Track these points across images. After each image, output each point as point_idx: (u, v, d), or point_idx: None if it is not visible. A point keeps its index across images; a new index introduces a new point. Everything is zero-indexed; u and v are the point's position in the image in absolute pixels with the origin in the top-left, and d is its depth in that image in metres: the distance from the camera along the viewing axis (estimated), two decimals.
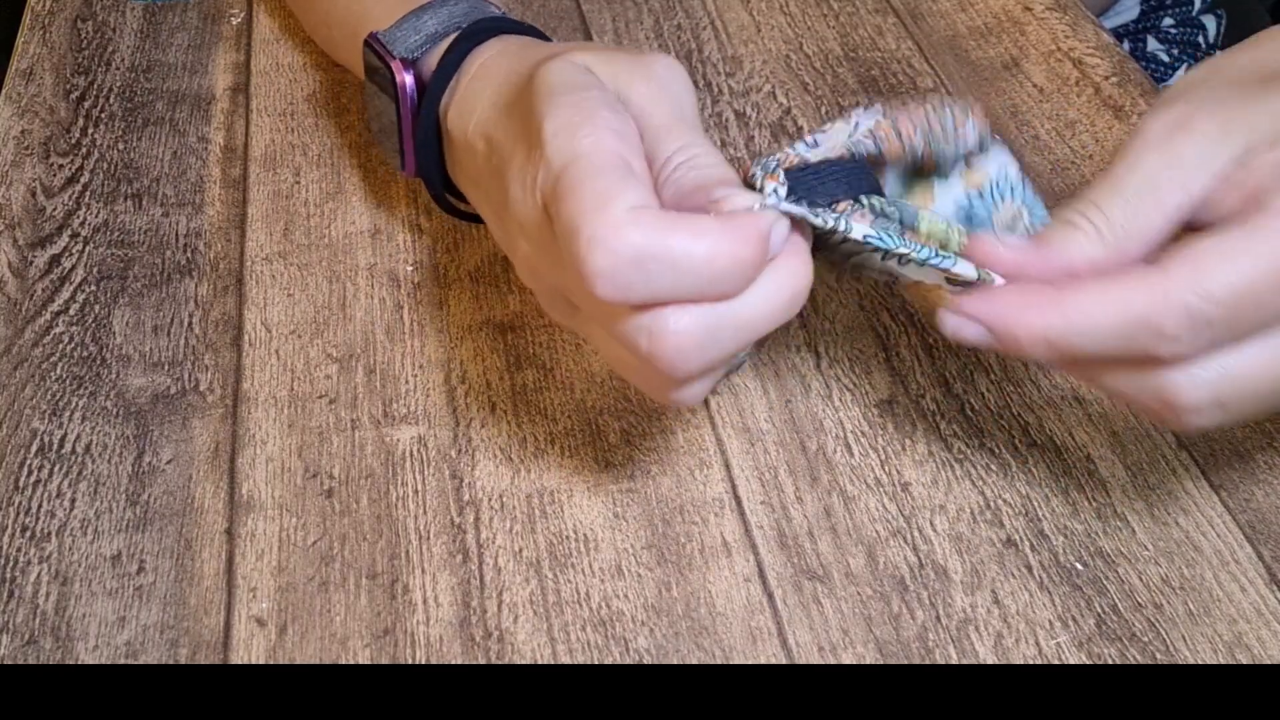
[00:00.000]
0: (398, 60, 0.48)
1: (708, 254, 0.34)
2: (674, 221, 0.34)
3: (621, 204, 0.34)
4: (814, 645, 0.41)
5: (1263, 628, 0.42)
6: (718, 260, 0.34)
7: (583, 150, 0.36)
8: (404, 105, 0.48)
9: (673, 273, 0.34)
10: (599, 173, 0.35)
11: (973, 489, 0.46)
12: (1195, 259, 0.34)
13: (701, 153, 0.38)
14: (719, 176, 0.37)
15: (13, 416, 0.48)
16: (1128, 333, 0.35)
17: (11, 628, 0.42)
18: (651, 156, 0.38)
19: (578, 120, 0.37)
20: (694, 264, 0.34)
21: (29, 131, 0.60)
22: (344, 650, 0.41)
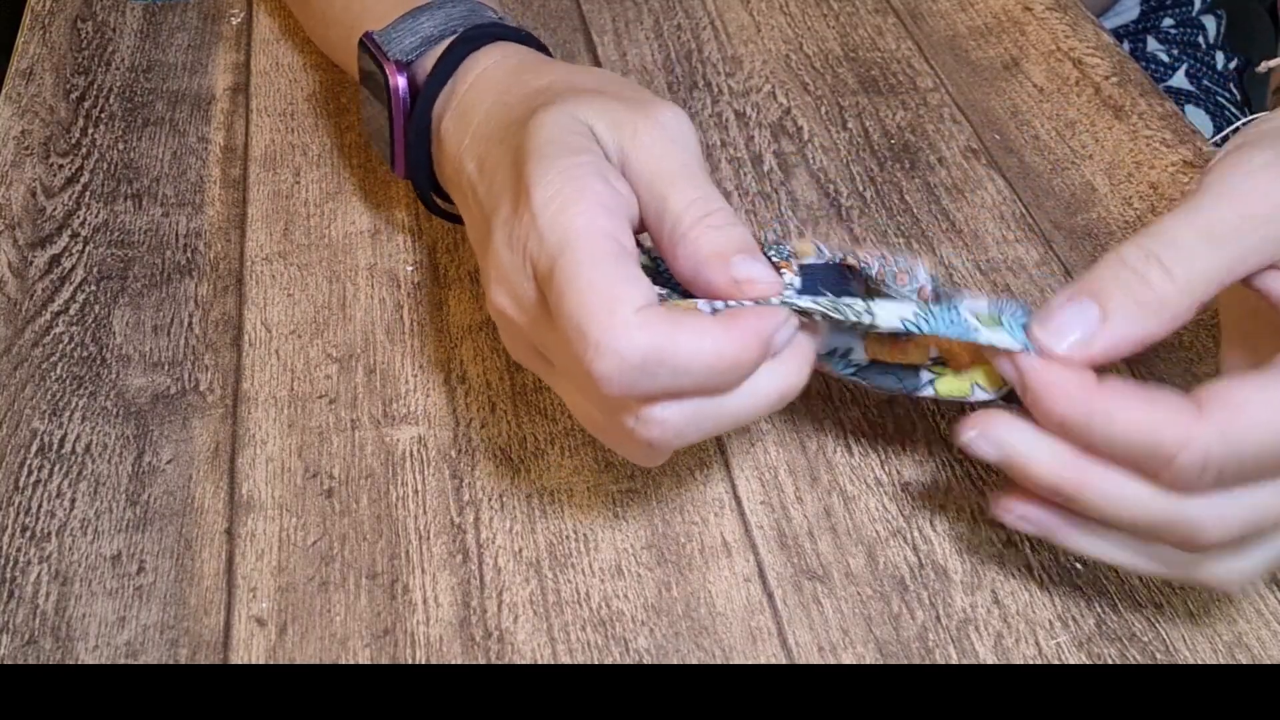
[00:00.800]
0: (391, 62, 0.48)
1: (711, 359, 0.35)
2: (679, 326, 0.35)
3: (628, 307, 0.35)
4: (814, 645, 0.41)
5: (1262, 628, 0.42)
6: (720, 364, 0.35)
7: (578, 233, 0.36)
8: (396, 108, 0.48)
9: (675, 375, 0.35)
10: (599, 265, 0.35)
11: (972, 489, 0.46)
12: (1233, 408, 0.34)
13: (717, 209, 0.38)
14: (737, 242, 0.37)
15: (13, 416, 0.48)
16: (1139, 452, 0.34)
17: (11, 628, 0.42)
18: (662, 209, 0.38)
19: (569, 194, 0.37)
20: (697, 368, 0.35)
21: (29, 131, 0.60)
22: (344, 650, 0.41)
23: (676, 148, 0.39)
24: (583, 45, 0.66)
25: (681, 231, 0.38)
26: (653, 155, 0.39)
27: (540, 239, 0.36)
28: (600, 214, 0.36)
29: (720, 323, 0.36)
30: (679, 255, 0.38)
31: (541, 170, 0.37)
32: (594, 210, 0.36)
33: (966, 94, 0.63)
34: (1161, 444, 0.34)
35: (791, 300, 0.37)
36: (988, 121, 0.61)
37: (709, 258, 0.37)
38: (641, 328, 0.35)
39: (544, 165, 0.38)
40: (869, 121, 0.61)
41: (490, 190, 0.41)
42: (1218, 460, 0.33)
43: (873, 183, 0.57)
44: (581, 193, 0.37)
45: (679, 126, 0.40)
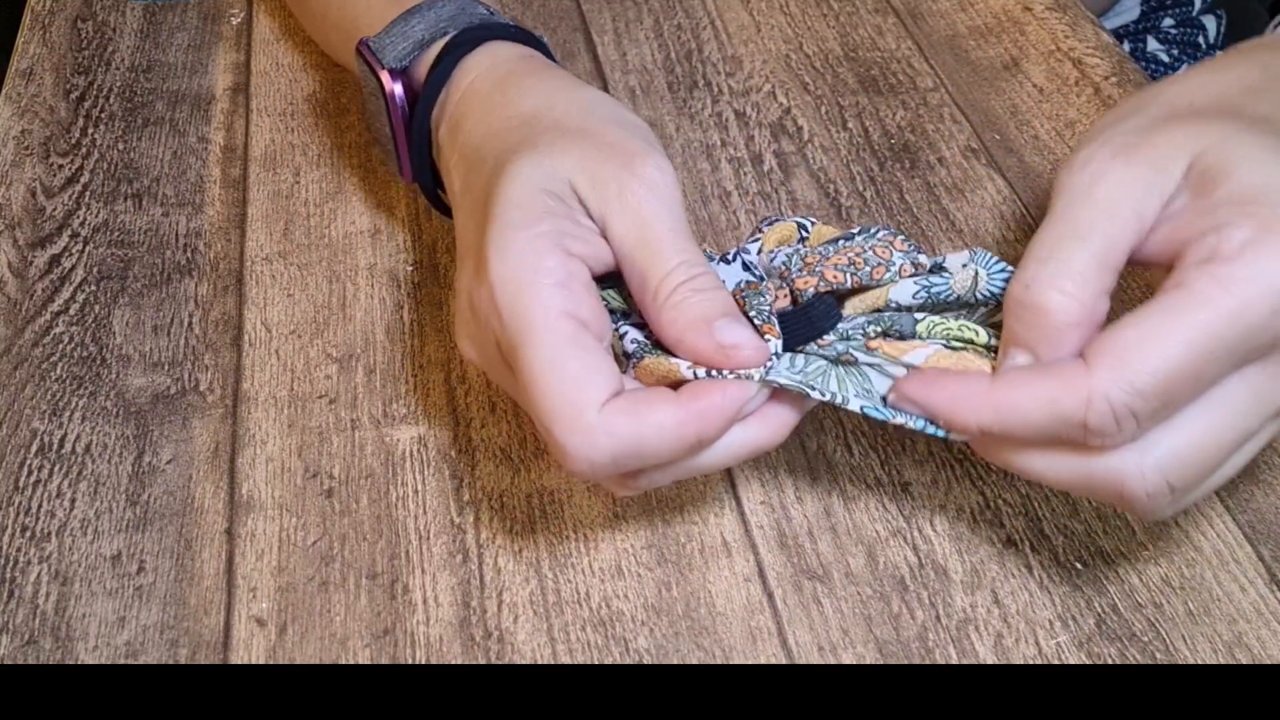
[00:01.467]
0: (386, 70, 0.48)
1: (676, 442, 0.36)
2: (643, 419, 0.36)
3: (592, 409, 0.36)
4: (814, 645, 0.41)
5: (1262, 627, 0.42)
6: (685, 444, 0.37)
7: (534, 323, 0.36)
8: (395, 115, 0.48)
9: (644, 461, 0.37)
10: (559, 361, 0.36)
11: (972, 489, 0.46)
12: (1118, 352, 0.34)
13: (700, 272, 0.38)
14: (720, 306, 0.38)
15: (13, 416, 0.48)
16: (1056, 428, 0.35)
17: (11, 628, 0.42)
18: (645, 274, 0.38)
19: (524, 276, 0.37)
20: (664, 452, 0.37)
21: (29, 131, 0.60)
22: (344, 650, 0.41)
23: (661, 209, 0.39)
24: (583, 45, 0.66)
25: (664, 297, 0.38)
26: (636, 219, 0.39)
27: (501, 321, 0.37)
28: (555, 295, 0.37)
29: (684, 404, 0.36)
30: (664, 322, 0.38)
31: (500, 243, 0.38)
32: (550, 294, 0.37)
33: (966, 94, 0.63)
34: (1068, 413, 0.34)
35: (772, 378, 0.37)
36: (988, 121, 0.61)
37: (693, 323, 0.37)
38: (605, 430, 0.36)
39: (503, 238, 0.38)
40: (869, 121, 0.61)
41: (462, 230, 0.42)
42: (1124, 405, 0.34)
43: (873, 183, 0.57)
44: (536, 274, 0.37)
45: (663, 181, 0.40)
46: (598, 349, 0.37)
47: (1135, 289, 0.52)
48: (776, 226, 0.43)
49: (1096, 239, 0.36)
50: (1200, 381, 0.34)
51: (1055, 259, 0.36)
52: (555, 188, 0.39)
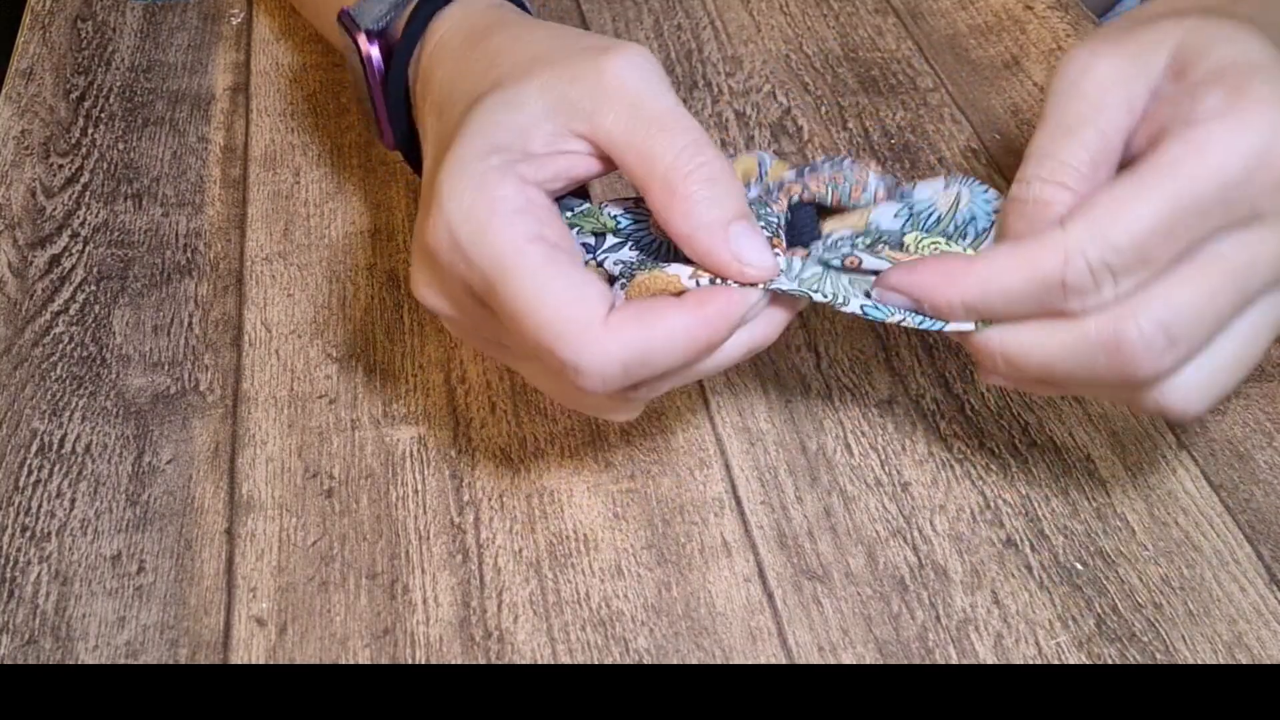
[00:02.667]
0: (362, 32, 0.47)
1: (685, 348, 0.36)
2: (650, 326, 0.36)
3: (596, 321, 0.35)
4: (814, 645, 0.41)
5: (1262, 628, 0.42)
6: (694, 349, 0.36)
7: (504, 255, 0.35)
8: (372, 78, 0.47)
9: (655, 368, 0.36)
10: (545, 284, 0.35)
11: (972, 489, 0.46)
12: (1091, 212, 0.35)
13: (711, 156, 0.37)
14: (734, 208, 0.37)
15: (13, 416, 0.48)
16: (1038, 295, 0.35)
17: (11, 627, 0.42)
18: (653, 149, 0.37)
19: (481, 211, 0.36)
20: (675, 359, 0.36)
21: (29, 131, 0.60)
22: (344, 650, 0.41)
23: (652, 86, 0.38)
24: None
25: (676, 186, 0.37)
26: (627, 101, 0.37)
27: (467, 260, 0.36)
28: (518, 222, 0.36)
29: (692, 310, 0.36)
30: (675, 214, 0.37)
31: (451, 182, 0.37)
32: (511, 222, 0.36)
33: (967, 93, 0.63)
34: (1047, 274, 0.35)
35: (775, 286, 0.37)
36: (988, 121, 0.61)
37: (708, 224, 0.37)
38: (614, 340, 0.35)
39: (453, 176, 0.37)
40: (869, 121, 0.61)
41: (426, 179, 0.41)
42: (1099, 258, 0.34)
43: None
44: (493, 205, 0.36)
45: (646, 62, 0.38)
46: (579, 266, 0.36)
47: None
48: (739, 159, 0.42)
49: (1088, 131, 0.36)
50: (1176, 240, 0.34)
51: (1050, 155, 0.36)
52: (517, 120, 0.38)
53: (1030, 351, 0.37)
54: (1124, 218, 0.34)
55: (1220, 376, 0.37)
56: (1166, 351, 0.35)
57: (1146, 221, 0.34)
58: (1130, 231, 0.34)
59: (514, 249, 0.36)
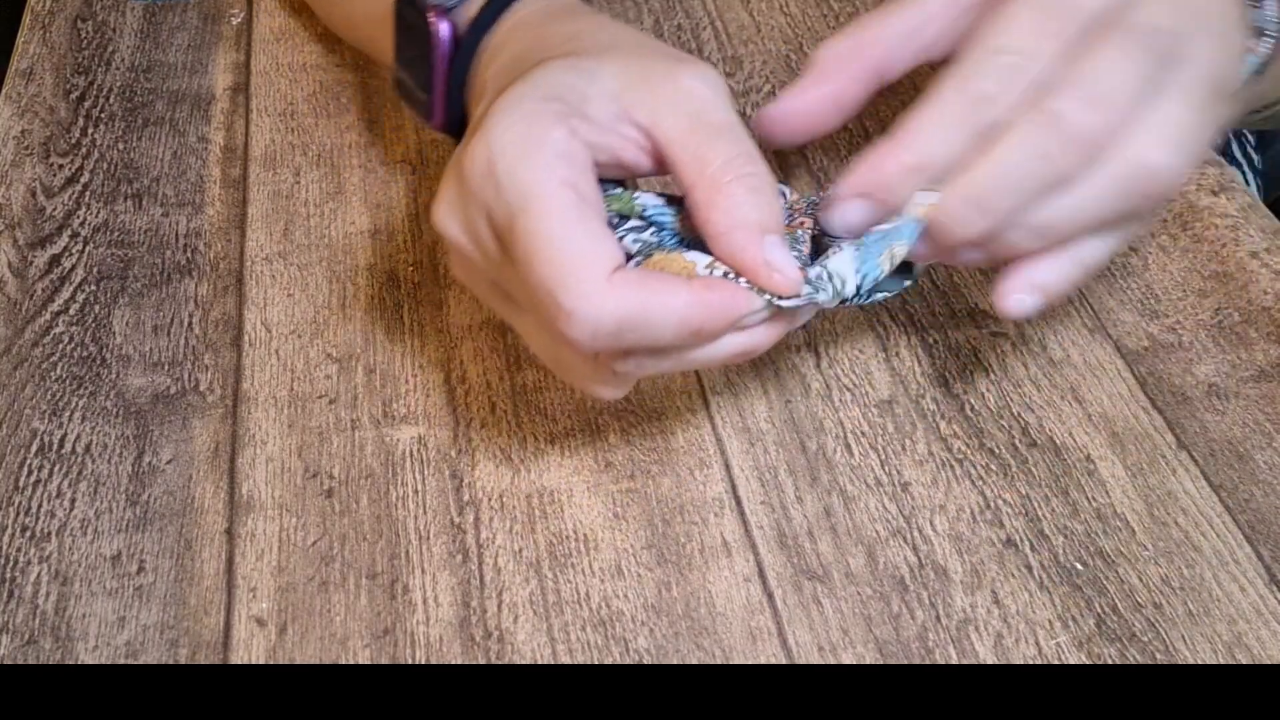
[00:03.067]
0: (434, 8, 0.46)
1: (678, 325, 0.36)
2: (650, 291, 0.36)
3: (599, 273, 0.35)
4: (814, 645, 0.41)
5: (1262, 628, 0.42)
6: (686, 330, 0.36)
7: (537, 190, 0.36)
8: (438, 55, 0.46)
9: (645, 338, 0.36)
10: (563, 226, 0.35)
11: (972, 489, 0.46)
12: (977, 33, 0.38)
13: (761, 170, 0.38)
14: (773, 220, 0.37)
15: (13, 416, 0.48)
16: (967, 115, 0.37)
17: (11, 628, 0.42)
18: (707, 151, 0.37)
19: (527, 143, 0.36)
20: (667, 333, 0.36)
21: (29, 131, 0.60)
22: (344, 650, 0.41)
23: (717, 100, 0.39)
24: None
25: (724, 182, 0.37)
26: (692, 106, 0.38)
27: (497, 189, 0.36)
28: (559, 165, 0.36)
29: (697, 291, 0.36)
30: (717, 207, 0.37)
31: (504, 109, 0.37)
32: (552, 162, 0.36)
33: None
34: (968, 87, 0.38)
35: (787, 303, 0.37)
36: None
37: (747, 223, 0.37)
38: (614, 295, 0.35)
39: (508, 104, 0.37)
40: (869, 121, 0.61)
41: (475, 118, 0.41)
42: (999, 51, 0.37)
43: None
44: (540, 142, 0.36)
45: (716, 80, 0.39)
46: (602, 223, 0.36)
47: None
48: None
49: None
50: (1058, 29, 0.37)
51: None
52: (584, 87, 0.38)
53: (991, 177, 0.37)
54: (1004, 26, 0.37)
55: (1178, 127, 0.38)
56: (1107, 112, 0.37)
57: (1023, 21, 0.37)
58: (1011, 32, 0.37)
59: (547, 187, 0.36)
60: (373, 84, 0.63)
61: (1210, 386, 0.49)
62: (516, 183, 0.36)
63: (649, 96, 0.38)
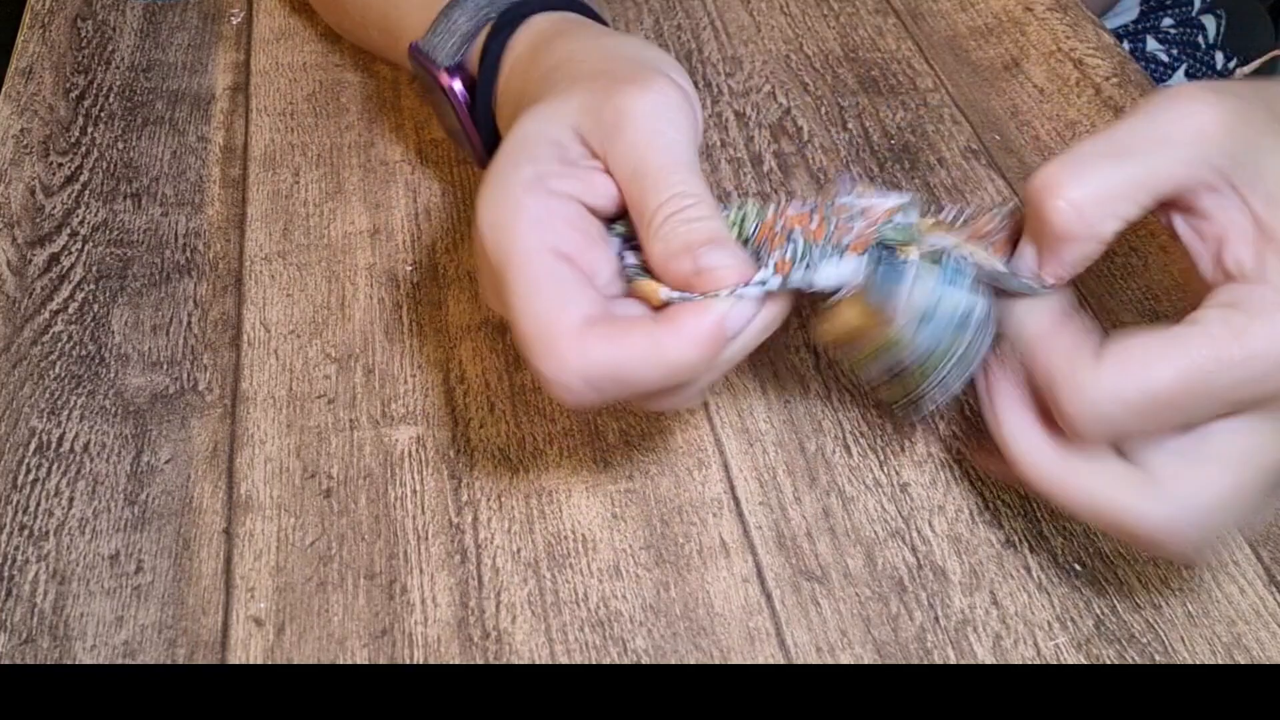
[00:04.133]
0: (442, 70, 0.49)
1: (655, 366, 0.36)
2: (616, 339, 0.36)
3: (563, 333, 0.36)
4: (812, 646, 0.41)
5: (1261, 629, 0.42)
6: (667, 367, 0.36)
7: (511, 258, 0.37)
8: (460, 111, 0.49)
9: (626, 386, 0.37)
10: (535, 290, 0.37)
11: (971, 490, 0.45)
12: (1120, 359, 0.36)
13: (691, 203, 0.38)
14: (706, 234, 0.38)
15: (11, 415, 0.48)
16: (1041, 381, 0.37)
17: (9, 626, 0.42)
18: (643, 201, 0.38)
19: (505, 218, 0.38)
20: (644, 376, 0.36)
21: (28, 130, 0.60)
22: (342, 650, 0.41)
23: (659, 139, 0.39)
24: None
25: (656, 228, 0.38)
26: (632, 153, 0.39)
27: (489, 259, 0.38)
28: (532, 232, 0.37)
29: (661, 326, 0.36)
30: (654, 254, 0.38)
31: (487, 190, 0.39)
32: (526, 230, 0.38)
33: (966, 94, 0.63)
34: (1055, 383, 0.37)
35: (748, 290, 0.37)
36: (988, 122, 0.61)
37: (676, 250, 0.37)
38: (579, 353, 0.36)
39: (489, 185, 0.39)
40: (869, 122, 0.61)
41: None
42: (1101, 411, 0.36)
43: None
44: (515, 213, 0.38)
45: (666, 105, 0.39)
46: (574, 278, 0.37)
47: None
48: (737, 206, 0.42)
49: (1133, 164, 0.36)
50: (1180, 413, 0.36)
51: (1074, 166, 0.36)
52: (554, 133, 0.40)
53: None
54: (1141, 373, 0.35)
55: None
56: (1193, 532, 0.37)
57: (1159, 386, 0.35)
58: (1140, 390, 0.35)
59: (521, 254, 0.37)
60: (373, 84, 0.63)
61: None
62: (500, 253, 0.38)
63: (602, 133, 0.39)
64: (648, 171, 0.38)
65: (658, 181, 0.38)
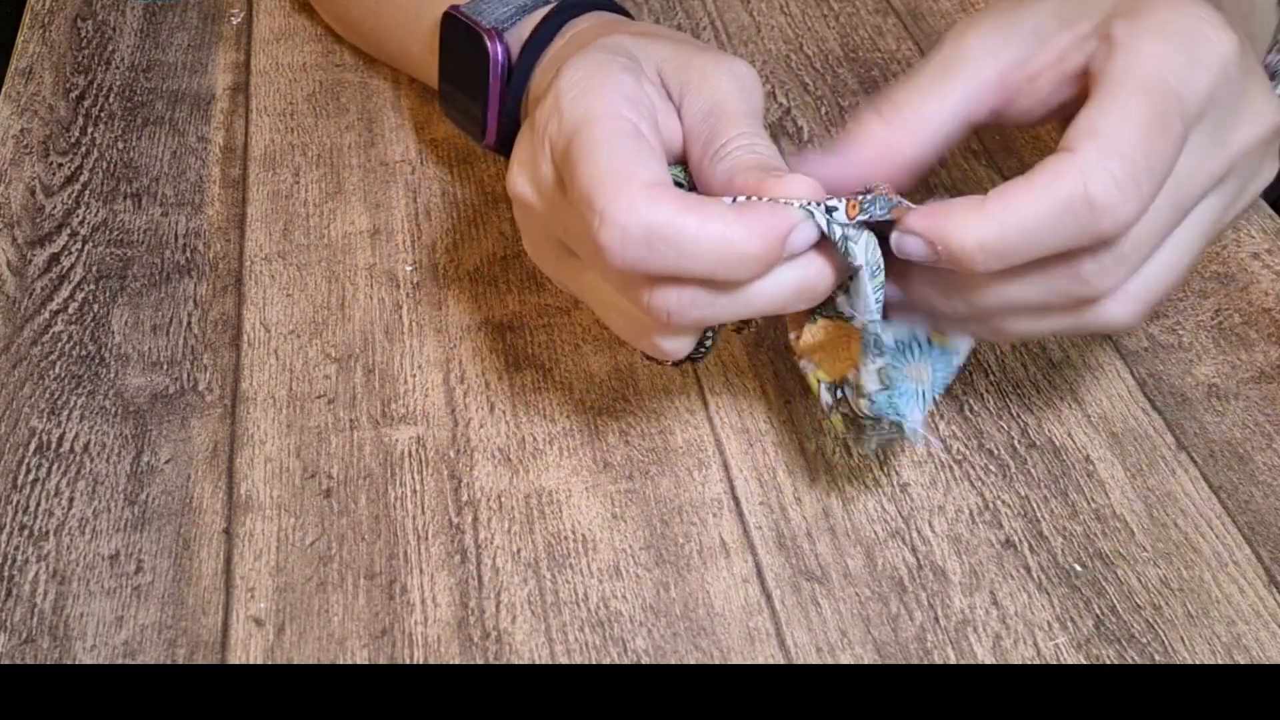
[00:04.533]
0: (490, 30, 0.48)
1: (716, 244, 0.35)
2: (688, 207, 0.35)
3: (638, 180, 0.35)
4: (812, 646, 0.41)
5: (1261, 629, 0.41)
6: (727, 251, 0.35)
7: (595, 113, 0.36)
8: (494, 75, 0.48)
9: (680, 255, 0.35)
10: (613, 140, 0.36)
11: (971, 490, 0.45)
12: (1093, 132, 0.35)
13: (764, 143, 0.38)
14: (777, 164, 0.38)
15: (11, 415, 0.48)
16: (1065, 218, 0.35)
17: (9, 626, 0.42)
18: (714, 134, 0.39)
19: (593, 81, 0.37)
20: (703, 252, 0.35)
21: (28, 130, 0.60)
22: (342, 650, 0.41)
23: (740, 95, 0.40)
24: None
25: (727, 152, 0.38)
26: (713, 96, 0.39)
27: (560, 119, 0.37)
28: (620, 101, 0.37)
29: (733, 210, 0.36)
30: (717, 172, 0.38)
31: (574, 64, 0.38)
32: (614, 96, 0.37)
33: None
34: (1069, 193, 0.35)
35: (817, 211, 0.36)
36: None
37: (749, 166, 0.37)
38: (649, 202, 0.35)
39: (577, 60, 0.39)
40: None
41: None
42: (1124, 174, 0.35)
43: None
44: (605, 81, 0.37)
45: (748, 75, 0.41)
46: (658, 151, 0.37)
47: None
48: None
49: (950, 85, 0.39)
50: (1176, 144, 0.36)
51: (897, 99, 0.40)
52: (639, 54, 0.40)
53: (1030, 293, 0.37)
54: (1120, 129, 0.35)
55: (1158, 284, 0.38)
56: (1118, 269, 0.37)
57: (1137, 130, 0.35)
58: (1130, 139, 0.35)
59: (604, 113, 0.37)
60: (373, 84, 0.63)
61: (1210, 387, 0.49)
62: (577, 110, 0.37)
63: (683, 79, 0.40)
64: (723, 114, 0.39)
65: (735, 121, 0.39)
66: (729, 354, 0.50)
